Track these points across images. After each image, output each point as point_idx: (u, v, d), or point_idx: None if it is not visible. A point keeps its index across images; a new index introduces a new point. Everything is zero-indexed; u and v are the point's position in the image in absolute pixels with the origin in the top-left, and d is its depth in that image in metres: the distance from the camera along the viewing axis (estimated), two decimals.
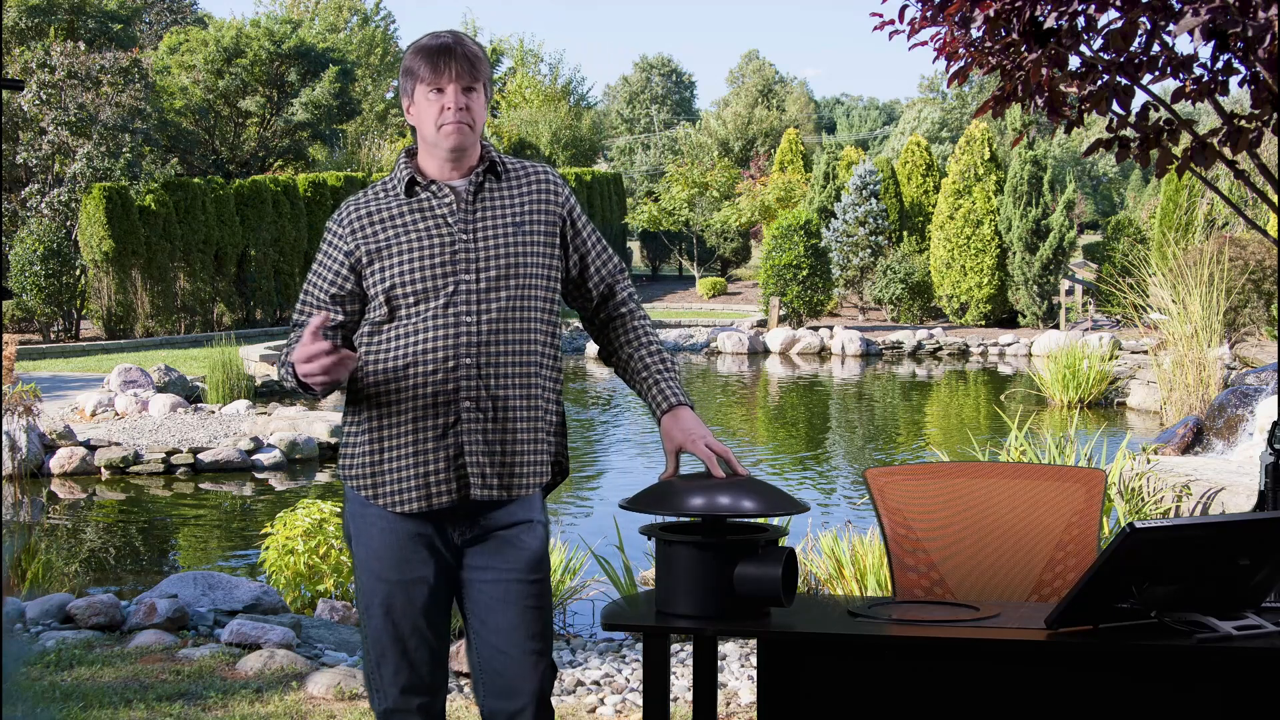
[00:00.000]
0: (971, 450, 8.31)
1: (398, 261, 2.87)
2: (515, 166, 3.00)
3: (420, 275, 2.85)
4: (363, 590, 2.93)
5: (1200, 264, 13.28)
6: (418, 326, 2.85)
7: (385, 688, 2.93)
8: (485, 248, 2.88)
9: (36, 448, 10.82)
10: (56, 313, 21.19)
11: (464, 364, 2.83)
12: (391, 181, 2.98)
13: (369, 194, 3.00)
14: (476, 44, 2.95)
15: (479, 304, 2.85)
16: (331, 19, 46.03)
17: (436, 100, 2.87)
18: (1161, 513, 7.05)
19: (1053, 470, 3.26)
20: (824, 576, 6.01)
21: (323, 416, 12.91)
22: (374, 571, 2.90)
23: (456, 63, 2.86)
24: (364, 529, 2.92)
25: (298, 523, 6.61)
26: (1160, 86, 18.05)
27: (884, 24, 4.87)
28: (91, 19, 28.61)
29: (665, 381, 2.97)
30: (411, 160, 2.97)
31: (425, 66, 2.87)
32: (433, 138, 2.89)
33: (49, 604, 5.88)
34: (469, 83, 2.88)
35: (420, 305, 2.85)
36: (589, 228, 3.05)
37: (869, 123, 67.91)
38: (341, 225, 2.98)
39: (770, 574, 2.64)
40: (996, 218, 25.30)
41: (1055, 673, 2.61)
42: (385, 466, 2.87)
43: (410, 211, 2.92)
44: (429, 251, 2.87)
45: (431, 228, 2.89)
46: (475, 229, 2.89)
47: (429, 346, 2.84)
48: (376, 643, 2.91)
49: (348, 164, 34.93)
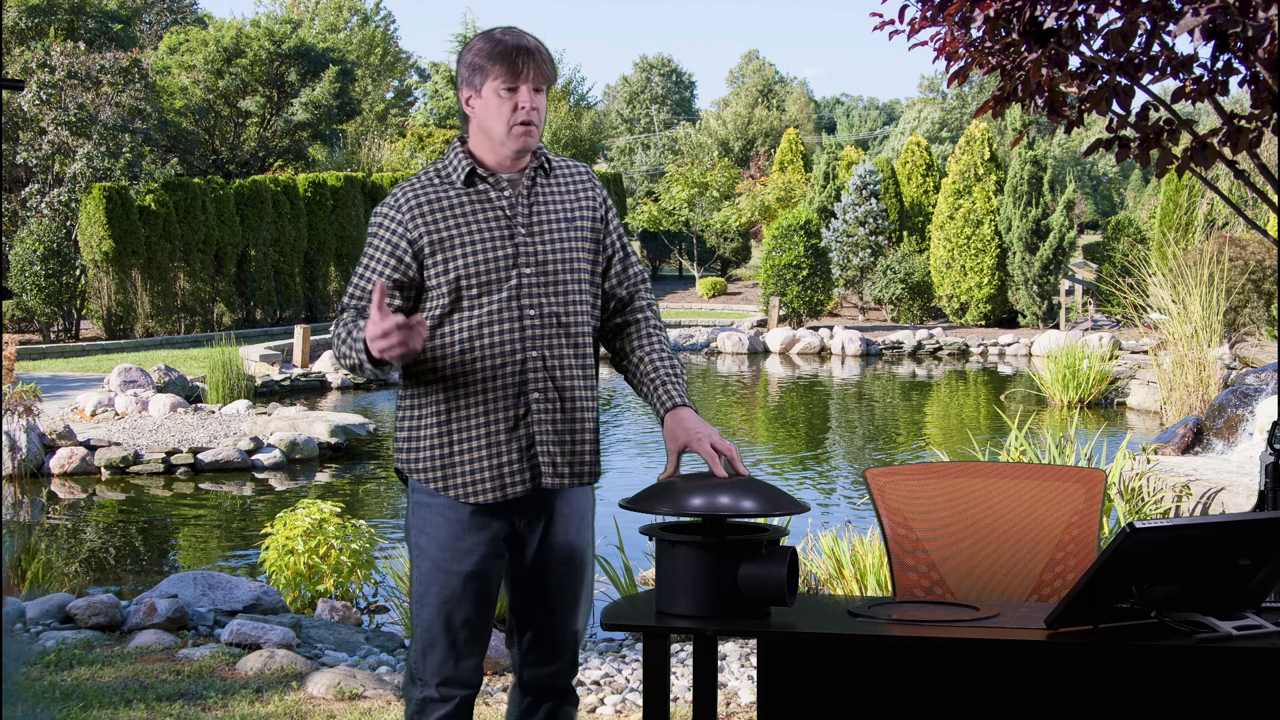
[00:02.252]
0: (971, 450, 8.31)
1: (462, 253, 2.89)
2: (560, 164, 3.04)
3: (486, 268, 2.89)
4: (420, 579, 2.97)
5: (1200, 264, 13.28)
6: (484, 319, 2.89)
7: (428, 677, 2.97)
8: (542, 242, 2.93)
9: (36, 448, 10.82)
10: (56, 313, 21.19)
11: (530, 356, 2.90)
12: (446, 169, 2.97)
13: (423, 181, 2.97)
14: (540, 41, 2.98)
15: (540, 297, 2.90)
16: (331, 19, 46.01)
17: (509, 99, 2.89)
18: (1161, 513, 7.05)
19: (1053, 470, 3.26)
20: (824, 576, 6.01)
21: (323, 416, 12.90)
22: (435, 561, 2.94)
23: (535, 64, 2.89)
24: (429, 519, 2.95)
25: (298, 523, 6.61)
26: (1160, 86, 18.05)
27: (884, 24, 4.87)
28: (91, 19, 28.60)
29: (671, 383, 2.99)
30: (466, 149, 2.97)
31: (502, 65, 2.88)
32: (500, 135, 2.91)
33: (49, 604, 5.88)
34: (540, 84, 2.91)
35: (484, 298, 2.89)
36: (619, 231, 3.11)
37: (869, 123, 67.90)
38: (400, 211, 2.93)
39: (775, 574, 2.64)
40: (996, 218, 25.30)
41: (1055, 673, 2.61)
42: (456, 459, 2.92)
43: (470, 202, 2.93)
44: (493, 244, 2.90)
45: (493, 220, 2.92)
46: (532, 223, 2.93)
47: (497, 339, 2.89)
48: (427, 632, 2.96)
49: (348, 164, 34.94)
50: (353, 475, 11.36)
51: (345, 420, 12.58)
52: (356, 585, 6.78)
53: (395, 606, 6.55)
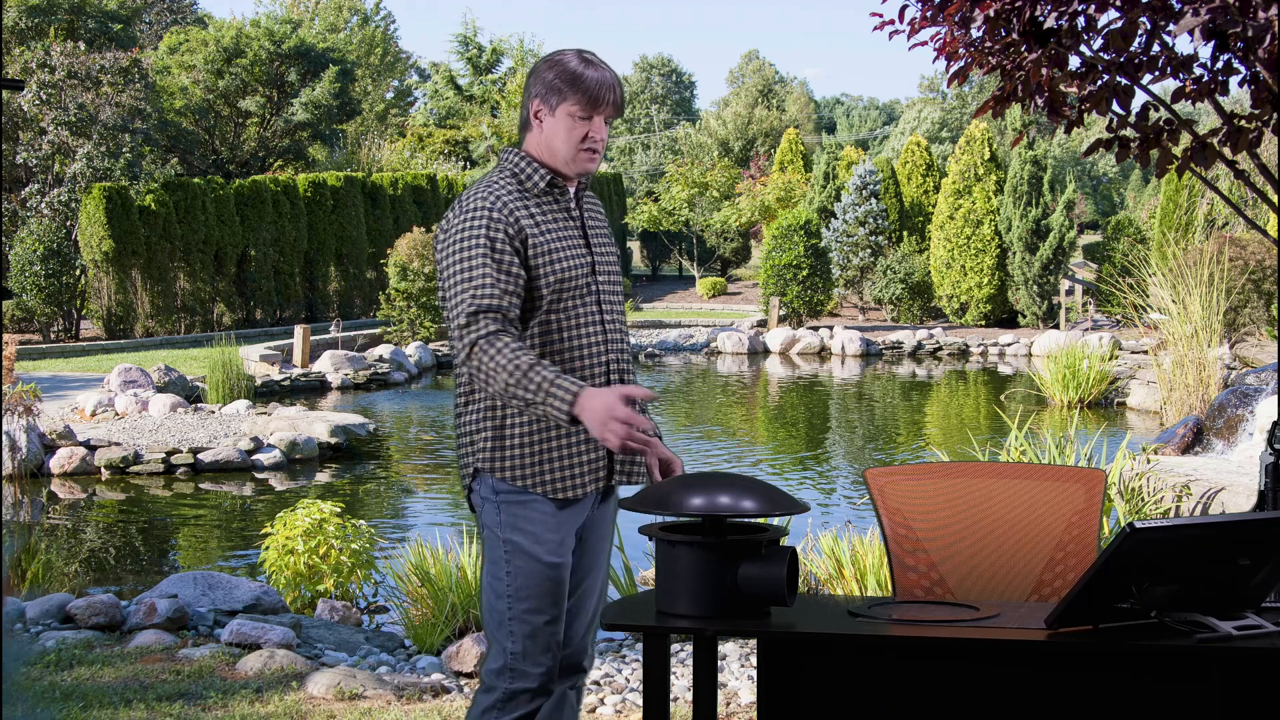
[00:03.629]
0: (971, 450, 8.31)
1: (557, 258, 3.02)
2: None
3: (576, 274, 3.04)
4: (516, 573, 3.03)
5: (1200, 264, 13.28)
6: (573, 322, 3.04)
7: (529, 669, 3.04)
8: (603, 254, 3.14)
9: (36, 448, 10.82)
10: (56, 313, 21.19)
11: (611, 360, 3.09)
12: (522, 176, 3.06)
13: (506, 186, 3.04)
14: (616, 75, 3.09)
15: (610, 303, 3.13)
16: (331, 19, 46.02)
17: (581, 126, 3.02)
18: (1161, 513, 7.05)
19: (1053, 470, 3.26)
20: (824, 576, 6.01)
21: (322, 416, 12.91)
22: (534, 555, 3.03)
23: (615, 101, 3.03)
24: (522, 515, 3.03)
25: (298, 523, 6.61)
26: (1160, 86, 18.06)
27: (884, 24, 4.86)
28: (91, 19, 28.60)
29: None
30: (534, 158, 3.08)
31: (583, 95, 2.99)
32: (565, 157, 3.04)
33: (49, 604, 5.88)
34: (613, 117, 3.06)
35: (573, 302, 3.04)
36: None
37: (869, 123, 67.90)
38: (501, 213, 2.98)
39: (774, 574, 2.64)
40: (996, 218, 25.30)
41: (1055, 673, 2.61)
42: (551, 455, 3.02)
43: (553, 211, 3.07)
44: (576, 252, 3.06)
45: (571, 229, 3.08)
46: (593, 235, 3.13)
47: (586, 341, 3.04)
48: (528, 626, 3.03)
49: (348, 164, 34.94)
50: (353, 475, 11.36)
51: (345, 420, 12.59)
52: (356, 585, 6.78)
53: (395, 606, 6.55)
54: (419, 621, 5.88)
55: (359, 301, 25.89)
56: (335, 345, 19.48)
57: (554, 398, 2.82)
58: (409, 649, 5.81)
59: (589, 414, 2.78)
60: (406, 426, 14.53)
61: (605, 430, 2.76)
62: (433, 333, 21.03)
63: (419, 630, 5.82)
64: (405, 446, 13.26)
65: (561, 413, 2.81)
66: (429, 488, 11.18)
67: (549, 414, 2.84)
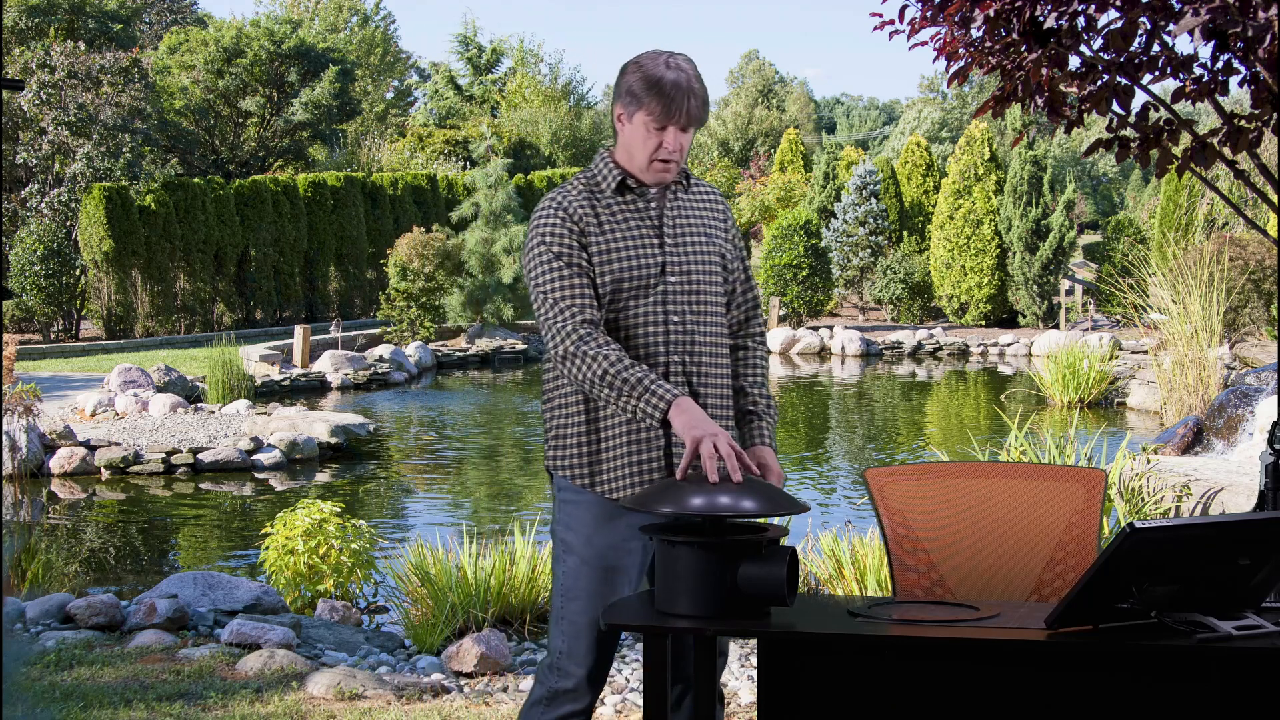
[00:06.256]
0: (971, 450, 8.31)
1: (619, 259, 3.02)
2: (696, 182, 3.19)
3: (638, 274, 3.02)
4: (567, 573, 3.08)
5: (1200, 264, 13.28)
6: (633, 323, 3.02)
7: (572, 669, 3.05)
8: (684, 254, 3.07)
9: (36, 448, 10.82)
10: (56, 313, 21.19)
11: (672, 360, 3.05)
12: (595, 178, 3.09)
13: (578, 189, 3.08)
14: (701, 80, 3.04)
15: (683, 305, 3.06)
16: (331, 19, 46.02)
17: (655, 135, 3.00)
18: (1161, 513, 7.05)
19: (1053, 470, 3.26)
20: (824, 576, 6.01)
21: (322, 416, 12.91)
22: (584, 557, 3.05)
23: (690, 108, 2.98)
24: (575, 515, 3.06)
25: (298, 523, 6.61)
26: (1160, 86, 18.05)
27: (884, 24, 4.87)
28: (91, 19, 28.60)
29: (764, 421, 3.19)
30: (614, 159, 3.09)
31: (657, 103, 2.97)
32: (640, 164, 3.04)
33: (49, 604, 5.88)
34: (689, 125, 3.01)
35: (633, 303, 3.02)
36: (743, 254, 3.26)
37: (869, 123, 67.90)
38: (558, 215, 3.04)
39: (774, 574, 2.64)
40: (996, 218, 25.30)
41: (1055, 673, 2.61)
42: (602, 455, 3.04)
43: (622, 210, 3.07)
44: (643, 252, 3.04)
45: (643, 228, 3.06)
46: (676, 235, 3.08)
47: (643, 343, 3.02)
48: (573, 625, 3.06)
49: (348, 164, 34.94)
50: (353, 475, 11.36)
51: (345, 420, 12.58)
52: (356, 585, 6.78)
53: (395, 606, 6.55)
54: (419, 621, 5.88)
55: (359, 301, 25.89)
56: (335, 345, 19.48)
57: (652, 396, 2.86)
58: (409, 649, 5.81)
59: (686, 416, 2.80)
60: (406, 426, 14.53)
61: (696, 431, 2.78)
62: (432, 333, 21.03)
63: (419, 630, 5.82)
64: (405, 446, 13.26)
65: (654, 412, 2.86)
66: (429, 488, 11.18)
67: (644, 417, 2.87)
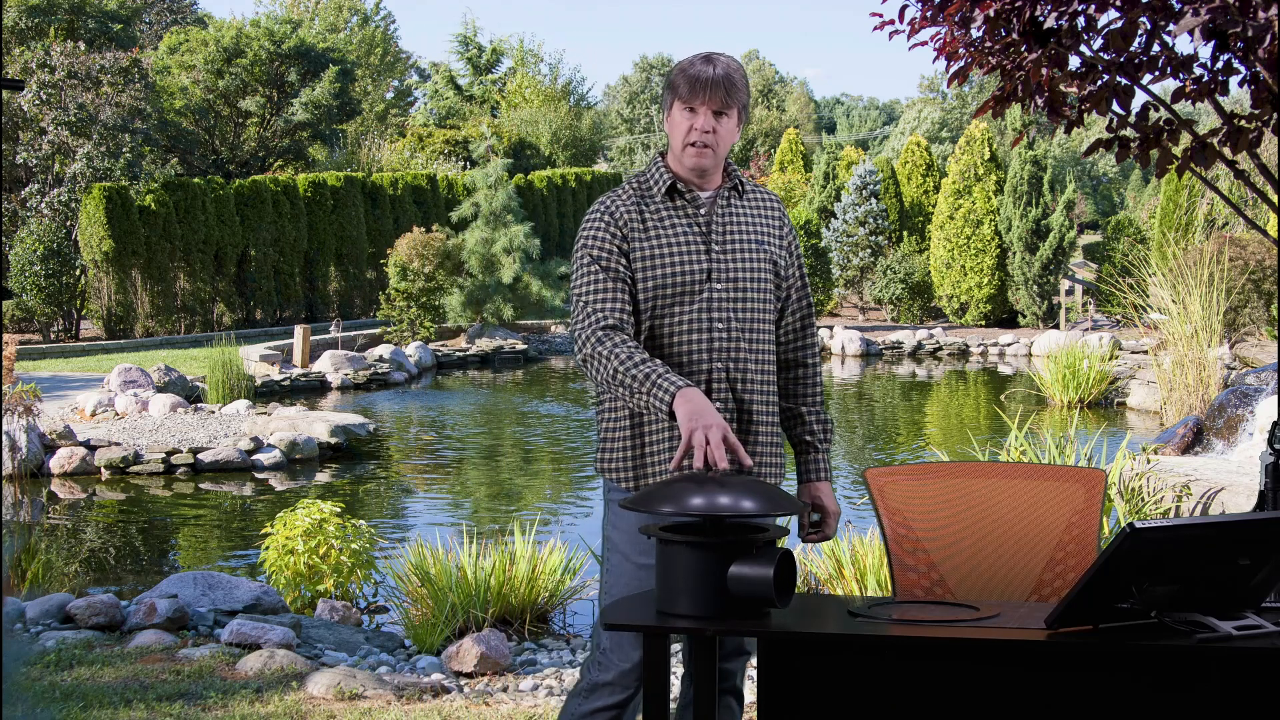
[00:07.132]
0: (971, 450, 8.31)
1: (663, 262, 3.04)
2: (752, 188, 3.20)
3: (682, 279, 3.04)
4: (611, 570, 3.16)
5: (1200, 264, 13.28)
6: (675, 328, 3.05)
7: (611, 663, 3.10)
8: (732, 260, 3.08)
9: (36, 448, 10.82)
10: (56, 313, 21.19)
11: (716, 367, 3.07)
12: (647, 182, 3.12)
13: (628, 192, 3.12)
14: (741, 71, 3.07)
15: (729, 312, 3.08)
16: (331, 19, 46.02)
17: (688, 119, 3.04)
18: (1161, 513, 7.05)
19: (1053, 470, 3.26)
20: (824, 576, 6.01)
21: (322, 416, 12.91)
22: (626, 554, 3.10)
23: (714, 90, 3.01)
24: (620, 514, 3.10)
25: (298, 523, 6.61)
26: (1160, 86, 18.06)
27: (884, 24, 4.87)
28: (91, 19, 28.59)
29: (820, 454, 3.30)
30: (665, 164, 3.12)
31: (686, 86, 3.02)
32: (679, 152, 3.07)
33: (49, 604, 5.88)
34: (720, 107, 3.03)
35: (678, 308, 3.04)
36: (801, 263, 3.26)
37: (869, 123, 67.91)
38: (613, 219, 3.07)
39: (763, 574, 2.63)
40: (996, 218, 25.29)
41: (1055, 673, 2.61)
42: (646, 458, 3.07)
43: (671, 215, 3.09)
44: (689, 256, 3.06)
45: (690, 233, 3.08)
46: (724, 241, 3.09)
47: (686, 348, 3.05)
48: None
49: (348, 164, 34.93)
50: (353, 475, 11.36)
51: (345, 420, 12.58)
52: (356, 585, 6.78)
53: (395, 606, 6.55)
54: (419, 621, 5.89)
55: (359, 301, 25.88)
56: (335, 345, 19.48)
57: (660, 385, 2.88)
58: (409, 649, 5.82)
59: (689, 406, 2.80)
60: (406, 426, 14.53)
61: (693, 422, 2.77)
62: (432, 333, 21.03)
63: (419, 630, 5.82)
64: (405, 446, 13.26)
65: (662, 400, 2.87)
66: (429, 488, 11.18)
67: (650, 405, 2.88)
